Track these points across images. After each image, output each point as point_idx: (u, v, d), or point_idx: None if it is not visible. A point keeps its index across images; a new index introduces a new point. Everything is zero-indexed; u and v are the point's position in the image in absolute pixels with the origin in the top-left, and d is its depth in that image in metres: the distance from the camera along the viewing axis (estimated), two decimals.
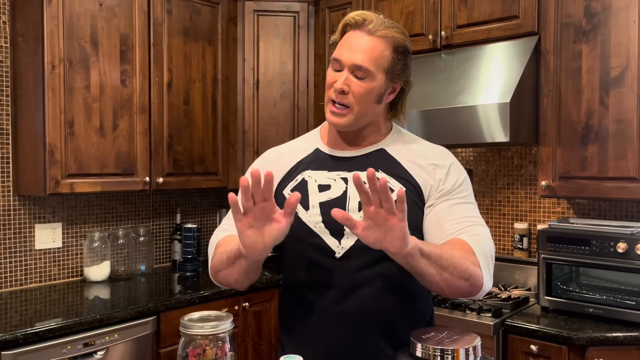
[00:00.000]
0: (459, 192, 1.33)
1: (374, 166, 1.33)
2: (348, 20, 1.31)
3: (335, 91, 1.29)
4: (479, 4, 2.59)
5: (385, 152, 1.38)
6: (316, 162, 1.40)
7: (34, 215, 2.73)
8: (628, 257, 2.10)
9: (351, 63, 1.27)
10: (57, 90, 2.46)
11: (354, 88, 1.28)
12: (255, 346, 2.83)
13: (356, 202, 1.29)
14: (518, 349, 2.16)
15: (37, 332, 2.05)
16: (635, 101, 2.17)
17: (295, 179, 1.38)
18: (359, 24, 1.30)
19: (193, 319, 1.03)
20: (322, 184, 1.34)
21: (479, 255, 1.22)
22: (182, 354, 1.01)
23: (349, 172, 1.34)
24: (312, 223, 1.31)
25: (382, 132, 1.41)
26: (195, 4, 3.00)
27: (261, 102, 3.23)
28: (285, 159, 1.43)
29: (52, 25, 2.45)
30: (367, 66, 1.27)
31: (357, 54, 1.27)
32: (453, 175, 1.34)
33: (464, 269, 1.18)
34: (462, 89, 2.46)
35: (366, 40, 1.28)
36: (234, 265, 1.24)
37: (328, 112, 1.33)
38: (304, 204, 1.33)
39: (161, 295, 2.58)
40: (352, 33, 1.31)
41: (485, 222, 1.34)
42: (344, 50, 1.29)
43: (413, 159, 1.36)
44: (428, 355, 1.03)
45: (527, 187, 2.81)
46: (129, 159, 2.73)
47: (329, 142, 1.42)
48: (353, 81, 1.28)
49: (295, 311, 1.38)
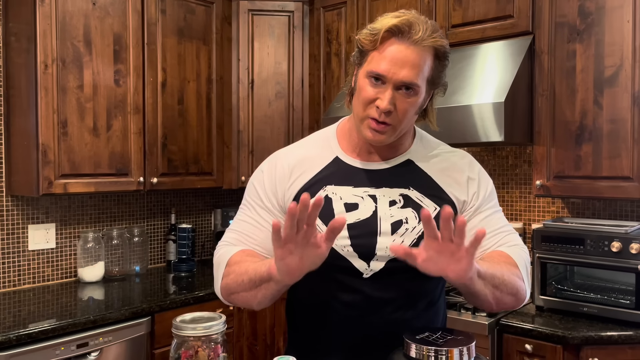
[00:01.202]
0: (489, 202, 1.30)
1: (403, 182, 1.26)
2: (391, 28, 1.15)
3: (378, 111, 1.17)
4: (474, 3, 2.59)
5: (413, 165, 1.30)
6: (338, 175, 1.27)
7: (27, 215, 2.71)
8: (622, 257, 2.10)
9: (399, 81, 1.15)
10: (50, 90, 2.45)
11: (400, 105, 1.17)
12: (251, 346, 2.82)
13: (388, 225, 1.22)
14: (513, 349, 2.16)
15: (30, 333, 2.04)
16: (629, 101, 2.17)
17: (317, 195, 1.25)
18: (403, 33, 1.15)
19: (185, 320, 1.02)
20: (349, 203, 1.24)
21: (521, 267, 1.22)
22: (175, 356, 1.00)
23: (377, 189, 1.25)
24: (340, 247, 1.21)
25: (407, 138, 1.31)
26: (189, 3, 3.00)
27: (256, 101, 3.22)
28: (300, 168, 1.30)
29: (45, 24, 2.43)
30: (416, 82, 1.16)
31: (405, 70, 1.15)
32: (483, 186, 1.30)
33: (513, 285, 1.17)
34: (456, 89, 2.46)
35: (413, 53, 1.15)
36: (259, 289, 1.13)
37: (367, 129, 1.20)
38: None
39: (156, 295, 2.57)
40: (395, 44, 1.16)
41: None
42: (389, 65, 1.15)
43: (442, 170, 1.29)
44: (422, 355, 1.03)
45: (521, 187, 2.81)
46: (123, 159, 2.72)
47: (350, 150, 1.30)
48: (398, 98, 1.17)
49: (311, 330, 1.31)
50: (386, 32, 1.16)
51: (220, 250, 1.30)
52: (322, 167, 1.29)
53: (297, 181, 1.28)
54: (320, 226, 1.23)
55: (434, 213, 1.23)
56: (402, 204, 1.24)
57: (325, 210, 1.23)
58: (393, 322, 1.24)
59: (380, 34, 1.16)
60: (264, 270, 1.09)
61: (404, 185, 1.26)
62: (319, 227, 1.23)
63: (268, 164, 1.34)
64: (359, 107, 1.21)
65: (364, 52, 1.21)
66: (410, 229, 1.23)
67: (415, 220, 1.23)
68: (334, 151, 1.31)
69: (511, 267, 1.19)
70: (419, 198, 1.25)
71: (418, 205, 1.24)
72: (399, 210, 1.24)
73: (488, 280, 1.11)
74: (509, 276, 1.16)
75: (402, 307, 1.25)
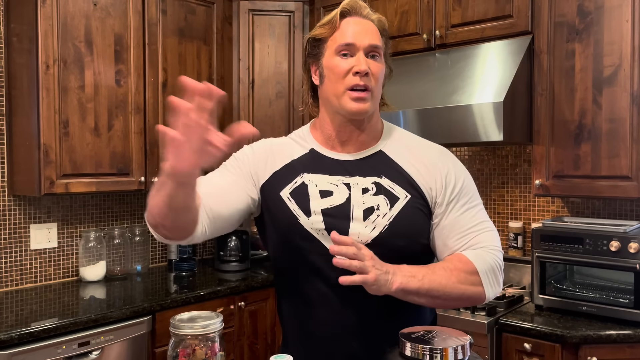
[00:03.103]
0: (462, 198, 1.30)
1: (375, 171, 1.30)
2: (343, 9, 1.30)
3: (359, 74, 1.25)
4: (473, 3, 2.59)
5: (384, 155, 1.34)
6: (314, 164, 1.34)
7: (29, 215, 2.73)
8: (621, 256, 2.11)
9: (367, 44, 1.26)
10: (52, 91, 2.47)
11: (373, 69, 1.27)
12: (251, 345, 2.84)
13: (360, 211, 1.26)
14: (512, 347, 2.16)
15: (32, 332, 2.05)
16: (628, 100, 2.18)
17: (293, 181, 1.32)
18: (355, 10, 1.30)
19: (183, 319, 1.03)
20: (324, 190, 1.29)
21: (482, 273, 1.23)
22: (172, 354, 1.01)
23: (350, 177, 1.30)
24: (315, 230, 1.27)
25: (377, 127, 1.37)
26: (190, 3, 3.01)
27: (256, 101, 3.23)
28: (279, 153, 1.38)
29: (47, 25, 2.45)
30: (380, 45, 1.28)
31: (368, 36, 1.27)
32: (454, 180, 1.30)
33: (459, 295, 1.21)
34: (456, 88, 2.47)
35: (368, 23, 1.29)
36: (159, 192, 1.06)
37: (349, 102, 1.27)
38: (304, 210, 1.28)
39: (157, 294, 2.58)
40: (351, 19, 1.29)
41: (490, 219, 1.33)
42: (354, 34, 1.27)
43: (413, 161, 1.32)
44: (417, 354, 1.04)
45: (521, 186, 2.82)
46: (124, 158, 2.73)
47: (324, 142, 1.37)
48: (370, 62, 1.27)
49: (297, 320, 1.34)
50: (340, 14, 1.29)
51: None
52: (298, 155, 1.37)
53: (274, 163, 1.36)
54: (297, 211, 1.28)
55: (404, 200, 1.27)
56: (374, 192, 1.28)
57: (301, 195, 1.29)
58: (370, 305, 1.26)
59: (336, 18, 1.29)
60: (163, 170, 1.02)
61: (376, 174, 1.30)
62: (295, 212, 1.28)
63: (259, 143, 1.43)
64: (335, 84, 1.28)
65: (322, 41, 1.31)
66: (382, 215, 1.26)
67: (386, 206, 1.27)
68: (309, 143, 1.39)
69: (466, 275, 1.22)
70: (391, 186, 1.29)
71: (390, 192, 1.28)
72: (371, 197, 1.28)
73: (423, 294, 1.18)
74: (454, 286, 1.20)
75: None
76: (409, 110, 2.52)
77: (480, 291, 1.23)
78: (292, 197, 1.30)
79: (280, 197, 1.31)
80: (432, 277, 1.19)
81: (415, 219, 1.27)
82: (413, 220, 1.27)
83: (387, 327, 1.23)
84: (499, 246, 1.30)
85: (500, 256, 1.29)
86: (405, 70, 2.75)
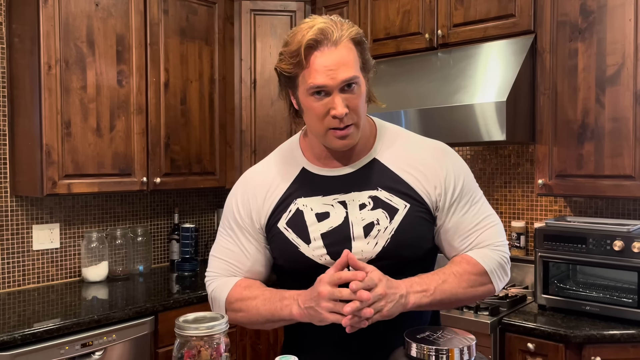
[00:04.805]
0: (464, 197, 1.28)
1: (371, 183, 1.26)
2: (309, 43, 1.16)
3: (337, 117, 1.17)
4: (475, 2, 2.59)
5: (379, 164, 1.29)
6: (307, 186, 1.29)
7: (32, 216, 2.73)
8: (624, 255, 2.10)
9: (340, 82, 1.16)
10: (54, 91, 2.46)
11: (351, 103, 1.18)
12: (254, 345, 2.84)
13: (360, 228, 1.23)
14: (515, 347, 2.16)
15: (35, 332, 2.05)
16: (631, 99, 2.17)
17: (288, 209, 1.28)
18: (322, 41, 1.16)
19: (188, 320, 1.03)
20: (320, 212, 1.25)
21: (490, 272, 1.26)
22: (177, 355, 1.01)
23: (345, 194, 1.26)
24: (317, 257, 1.24)
25: (366, 132, 1.30)
26: (191, 3, 3.00)
27: (258, 101, 3.23)
28: (271, 187, 1.31)
29: (48, 25, 2.44)
30: (355, 75, 1.18)
31: (341, 70, 1.16)
32: (454, 179, 1.28)
33: (470, 297, 1.26)
34: (458, 88, 2.46)
35: (339, 52, 1.16)
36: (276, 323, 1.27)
37: (333, 140, 1.21)
38: (304, 238, 1.25)
39: (159, 295, 2.58)
40: (318, 53, 1.16)
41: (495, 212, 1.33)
42: (325, 74, 1.15)
43: (410, 167, 1.28)
44: (423, 355, 1.03)
45: (524, 186, 2.82)
46: (126, 159, 2.73)
47: (315, 159, 1.31)
48: (347, 98, 1.18)
49: (302, 331, 1.32)
50: (306, 50, 1.16)
51: (212, 282, 1.35)
52: (290, 181, 1.31)
53: (268, 200, 1.31)
54: (296, 240, 1.26)
55: (404, 211, 1.25)
56: (372, 206, 1.25)
57: (298, 222, 1.26)
58: (378, 322, 1.23)
59: (301, 54, 1.16)
60: (286, 314, 1.20)
61: (372, 187, 1.27)
62: (294, 241, 1.26)
63: (240, 187, 1.37)
64: (315, 124, 1.22)
65: (292, 76, 1.21)
66: (383, 229, 1.23)
67: (386, 220, 1.24)
68: (299, 163, 1.32)
69: (475, 277, 1.25)
70: (388, 198, 1.26)
71: (388, 204, 1.25)
72: (369, 212, 1.24)
73: (435, 304, 1.21)
74: (465, 291, 1.23)
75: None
76: (411, 109, 2.52)
77: (490, 288, 1.28)
78: (289, 226, 1.27)
79: (278, 229, 1.28)
80: (443, 287, 1.20)
81: (417, 227, 1.26)
82: (415, 230, 1.25)
83: (387, 327, 1.22)
84: (504, 240, 1.30)
85: (506, 250, 1.30)
86: (408, 70, 2.74)
